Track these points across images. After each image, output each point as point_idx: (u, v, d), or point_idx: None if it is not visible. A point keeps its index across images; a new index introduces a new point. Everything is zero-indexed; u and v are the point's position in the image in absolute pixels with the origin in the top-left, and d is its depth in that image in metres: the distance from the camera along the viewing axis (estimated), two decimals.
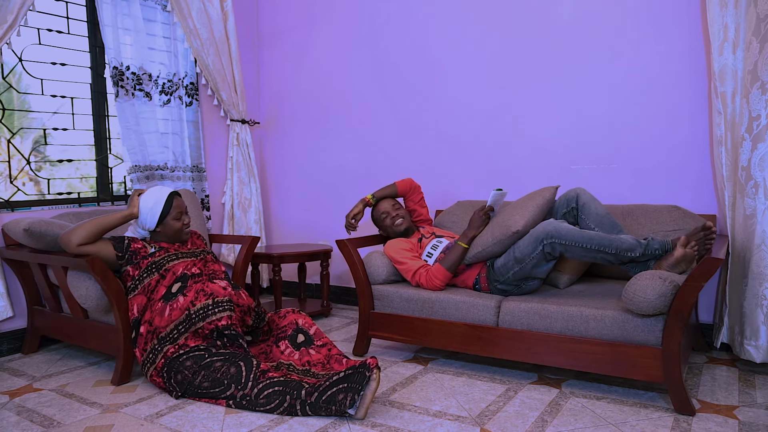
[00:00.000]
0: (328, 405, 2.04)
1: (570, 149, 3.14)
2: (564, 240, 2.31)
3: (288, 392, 2.10)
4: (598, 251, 2.30)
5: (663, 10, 2.86)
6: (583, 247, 2.30)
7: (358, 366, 2.07)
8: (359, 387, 2.03)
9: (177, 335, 2.33)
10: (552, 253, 2.35)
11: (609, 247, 2.29)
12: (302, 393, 2.08)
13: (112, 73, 3.28)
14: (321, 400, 2.05)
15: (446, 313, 2.56)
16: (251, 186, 4.05)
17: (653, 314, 2.09)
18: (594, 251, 2.30)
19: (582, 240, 2.30)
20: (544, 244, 2.34)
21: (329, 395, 2.05)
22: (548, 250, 2.34)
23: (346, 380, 2.06)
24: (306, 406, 2.07)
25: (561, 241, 2.31)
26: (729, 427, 1.96)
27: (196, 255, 2.63)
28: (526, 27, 3.22)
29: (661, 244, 2.29)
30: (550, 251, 2.34)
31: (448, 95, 3.50)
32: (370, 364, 2.04)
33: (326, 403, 2.05)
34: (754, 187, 2.42)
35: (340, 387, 2.05)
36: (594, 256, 2.32)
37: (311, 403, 2.07)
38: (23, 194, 3.13)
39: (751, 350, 2.42)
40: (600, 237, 2.31)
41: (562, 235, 2.31)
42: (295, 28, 4.11)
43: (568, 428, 1.98)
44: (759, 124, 2.40)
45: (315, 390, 2.08)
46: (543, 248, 2.34)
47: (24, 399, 2.35)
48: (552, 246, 2.33)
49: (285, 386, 2.12)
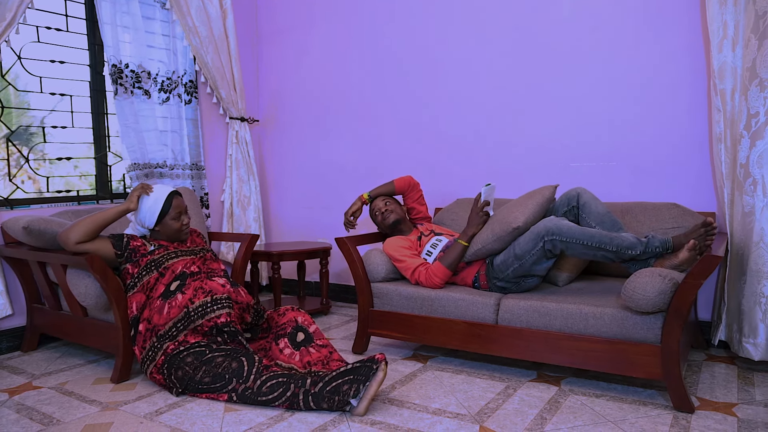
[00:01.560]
0: (332, 395, 2.05)
1: (569, 147, 3.14)
2: (565, 237, 2.31)
3: (292, 381, 2.12)
4: (599, 249, 2.30)
5: (662, 7, 2.86)
6: (583, 245, 2.30)
7: (366, 360, 2.09)
8: (365, 378, 2.04)
9: (176, 333, 2.33)
10: (552, 251, 2.35)
11: (609, 245, 2.29)
12: (307, 382, 2.10)
13: (111, 71, 3.27)
14: (325, 390, 2.07)
15: (445, 311, 2.56)
16: (250, 184, 4.05)
17: (653, 312, 2.09)
18: (594, 248, 2.30)
19: (583, 237, 2.30)
20: (545, 241, 2.34)
21: (334, 386, 2.07)
22: (549, 247, 2.34)
23: (353, 372, 2.08)
24: (309, 396, 2.08)
25: (562, 238, 2.31)
26: (728, 425, 1.96)
27: (195, 253, 2.62)
28: (525, 25, 3.22)
29: (662, 242, 2.29)
30: (550, 248, 2.34)
31: (448, 93, 3.50)
32: (378, 359, 2.06)
33: (330, 393, 2.06)
34: (752, 185, 2.42)
35: (347, 378, 2.07)
36: (594, 253, 2.32)
37: (315, 393, 2.08)
38: (22, 192, 3.13)
39: (750, 348, 2.43)
40: (601, 234, 2.31)
41: (563, 232, 2.31)
42: (294, 26, 4.11)
43: (567, 426, 1.98)
44: (757, 121, 2.40)
45: (320, 380, 2.10)
46: (543, 245, 2.34)
47: (23, 397, 2.35)
48: (553, 243, 2.33)
49: (289, 378, 2.14)
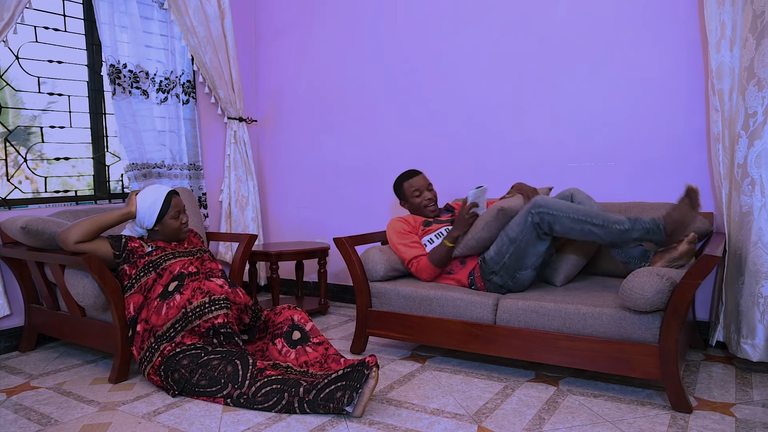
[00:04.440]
0: (326, 402, 2.04)
1: (567, 147, 3.14)
2: (551, 210, 2.35)
3: (286, 390, 2.10)
4: (586, 222, 2.33)
5: (660, 6, 2.86)
6: (570, 218, 2.33)
7: (356, 364, 2.07)
8: (358, 385, 2.02)
9: (174, 333, 2.33)
10: (540, 225, 2.38)
11: (596, 219, 2.32)
12: (300, 390, 2.08)
13: (109, 70, 3.27)
14: (319, 397, 2.05)
15: (444, 311, 2.56)
16: (248, 184, 4.05)
17: (650, 311, 2.10)
18: (582, 222, 2.33)
19: (569, 211, 2.34)
20: (532, 214, 2.38)
21: (327, 393, 2.05)
22: (536, 221, 2.37)
23: (345, 378, 2.05)
24: (304, 403, 2.07)
25: (549, 211, 2.35)
26: (726, 425, 1.96)
27: (192, 254, 2.62)
28: (522, 25, 3.22)
29: (652, 220, 2.30)
30: (538, 221, 2.37)
31: (447, 93, 3.50)
32: (369, 363, 2.04)
33: (324, 400, 2.05)
34: (750, 185, 2.42)
35: (339, 385, 2.05)
36: (582, 228, 2.34)
37: (309, 401, 2.06)
38: (20, 192, 3.12)
39: (747, 348, 2.43)
40: (587, 209, 2.36)
41: (550, 205, 2.36)
42: (292, 27, 4.10)
43: (565, 426, 1.98)
44: (755, 121, 2.40)
45: (313, 388, 2.08)
46: (531, 219, 2.38)
47: (21, 397, 2.34)
48: (540, 216, 2.36)
49: (283, 384, 2.12)
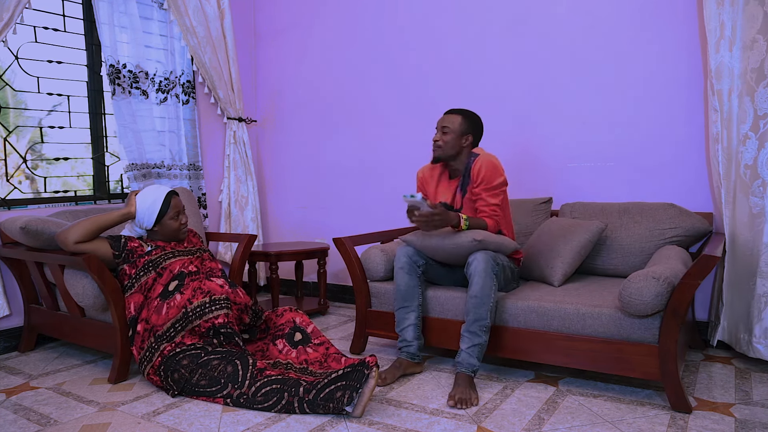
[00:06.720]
0: (326, 402, 2.04)
1: (567, 147, 3.14)
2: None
3: (286, 389, 2.10)
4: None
5: (659, 7, 2.86)
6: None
7: (356, 364, 2.07)
8: (357, 385, 2.02)
9: (174, 333, 2.33)
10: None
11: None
12: (300, 390, 2.08)
13: (109, 71, 3.27)
14: (319, 397, 2.05)
15: (443, 311, 2.56)
16: (248, 184, 4.05)
17: (651, 314, 2.10)
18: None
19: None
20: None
21: (327, 393, 2.05)
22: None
23: (345, 378, 2.05)
24: (304, 403, 2.07)
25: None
26: (725, 425, 1.96)
27: (192, 253, 2.62)
28: (522, 26, 3.22)
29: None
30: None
31: (446, 93, 3.49)
32: (369, 363, 2.04)
33: (324, 400, 2.05)
34: (761, 186, 2.44)
35: (339, 385, 2.05)
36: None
37: (309, 401, 2.06)
38: (19, 192, 3.12)
39: (761, 348, 2.44)
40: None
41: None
42: (292, 27, 4.10)
43: (565, 426, 1.98)
44: (766, 122, 2.41)
45: (313, 387, 2.08)
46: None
47: (21, 397, 2.34)
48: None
49: (283, 384, 2.12)
